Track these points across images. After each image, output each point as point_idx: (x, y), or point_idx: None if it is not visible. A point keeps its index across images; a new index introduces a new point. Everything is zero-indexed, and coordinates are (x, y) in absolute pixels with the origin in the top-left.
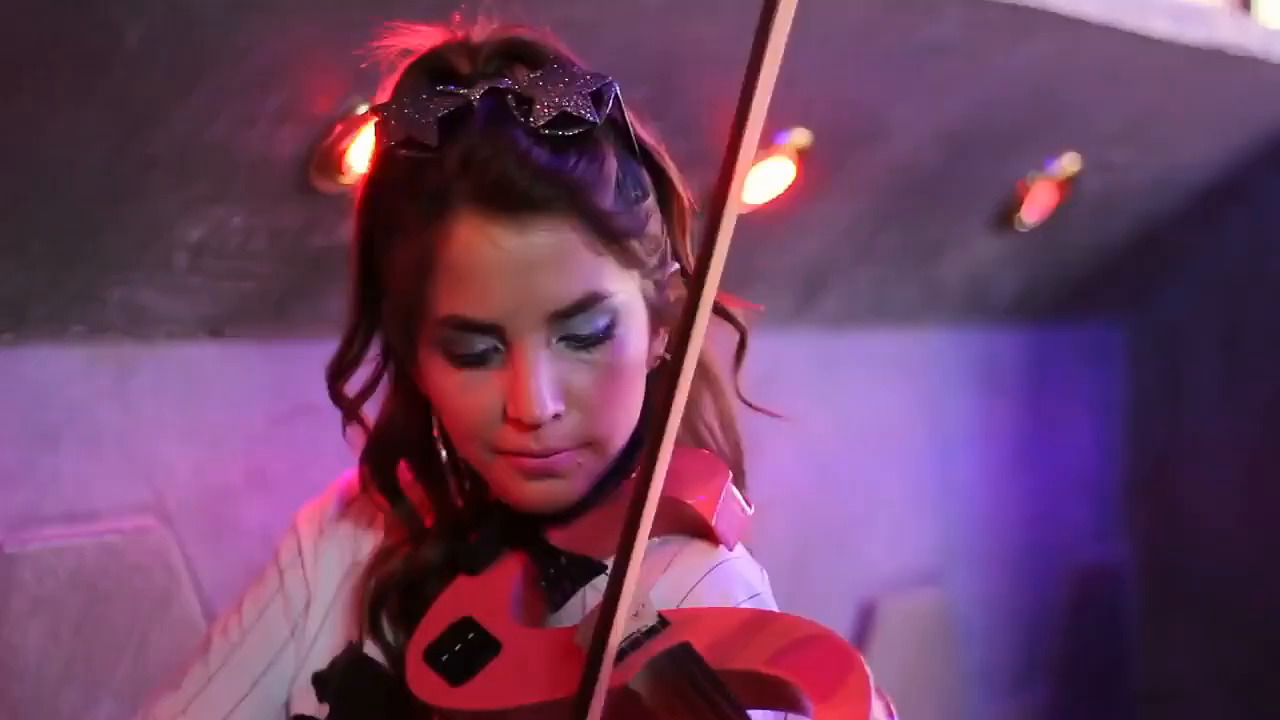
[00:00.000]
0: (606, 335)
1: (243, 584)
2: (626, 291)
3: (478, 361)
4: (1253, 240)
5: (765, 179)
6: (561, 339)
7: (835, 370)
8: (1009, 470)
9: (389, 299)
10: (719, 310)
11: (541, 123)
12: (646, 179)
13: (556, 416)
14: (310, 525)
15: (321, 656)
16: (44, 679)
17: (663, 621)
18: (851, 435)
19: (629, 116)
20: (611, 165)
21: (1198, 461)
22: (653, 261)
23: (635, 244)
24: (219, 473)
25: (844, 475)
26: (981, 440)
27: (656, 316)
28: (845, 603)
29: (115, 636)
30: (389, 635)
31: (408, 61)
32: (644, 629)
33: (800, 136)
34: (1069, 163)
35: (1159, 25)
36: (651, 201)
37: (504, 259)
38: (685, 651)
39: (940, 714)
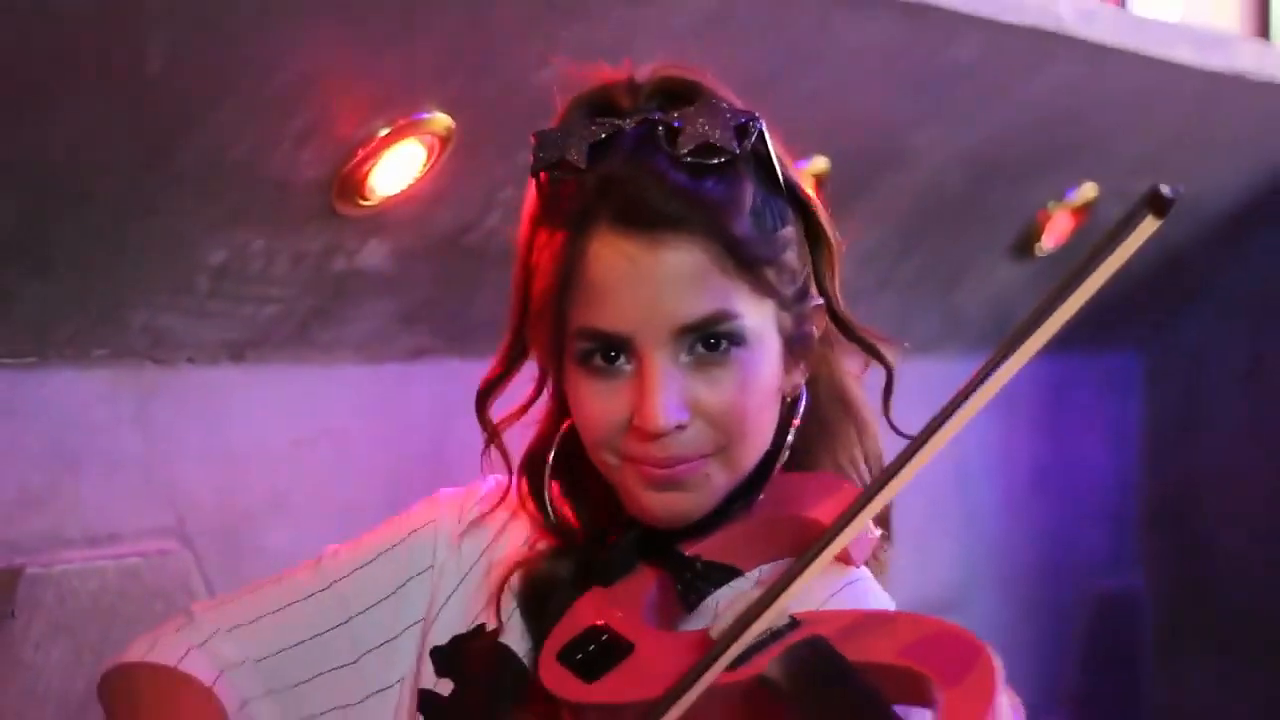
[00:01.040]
0: (733, 354)
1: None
2: (758, 317)
3: (610, 372)
4: (1273, 268)
5: None
6: (689, 353)
7: None
8: (1028, 498)
9: (535, 314)
10: (868, 349)
11: (684, 150)
12: (789, 213)
13: (681, 427)
14: (454, 507)
15: (444, 630)
16: (67, 701)
17: (793, 622)
18: None
19: (776, 152)
20: (747, 193)
21: (1216, 491)
22: (789, 292)
23: (769, 272)
24: (240, 496)
25: None
26: (1001, 468)
27: (793, 348)
28: None
29: None
30: (529, 631)
31: (572, 97)
32: (775, 628)
33: (819, 163)
34: (1088, 189)
35: (1180, 52)
36: (791, 233)
37: (636, 273)
38: (820, 642)
39: None
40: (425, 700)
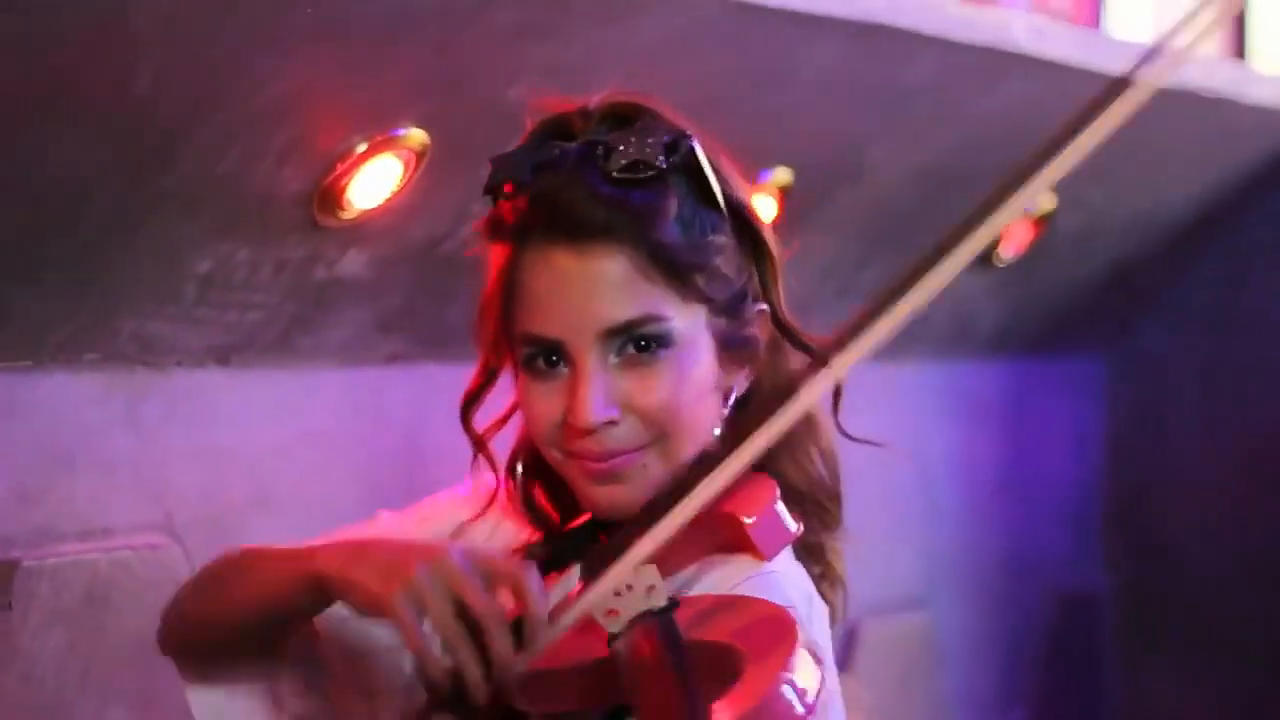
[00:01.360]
0: (661, 354)
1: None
2: (687, 320)
3: (550, 374)
4: (1227, 275)
5: None
6: (619, 355)
7: None
8: (990, 500)
9: (487, 322)
10: (811, 353)
11: (615, 167)
12: (723, 224)
13: (613, 423)
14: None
15: None
16: (62, 687)
17: (672, 603)
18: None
19: (712, 169)
20: (673, 203)
21: (1175, 493)
22: (721, 297)
23: (698, 278)
24: (226, 493)
25: None
26: (964, 470)
27: (730, 351)
28: None
29: (127, 647)
30: None
31: (533, 123)
32: (655, 608)
33: (782, 174)
34: (1044, 200)
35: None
36: (722, 242)
37: (565, 281)
38: (667, 621)
39: None
40: None
